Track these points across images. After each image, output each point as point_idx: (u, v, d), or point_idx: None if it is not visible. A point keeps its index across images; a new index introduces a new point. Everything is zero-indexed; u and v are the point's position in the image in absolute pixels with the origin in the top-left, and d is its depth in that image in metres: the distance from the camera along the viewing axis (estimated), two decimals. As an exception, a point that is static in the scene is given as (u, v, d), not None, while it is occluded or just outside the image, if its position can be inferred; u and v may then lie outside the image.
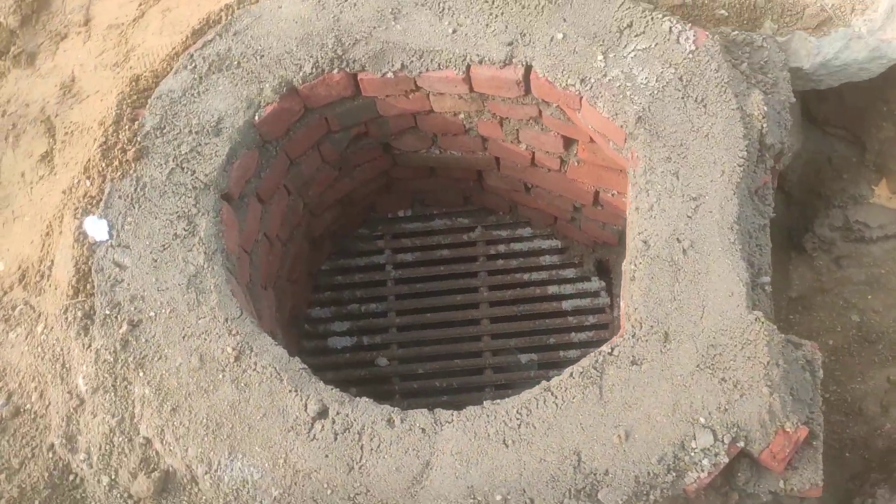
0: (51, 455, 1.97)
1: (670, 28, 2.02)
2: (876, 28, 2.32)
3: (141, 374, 1.88)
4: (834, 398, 3.19)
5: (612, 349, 1.81)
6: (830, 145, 3.12)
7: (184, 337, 1.91)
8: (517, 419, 1.77)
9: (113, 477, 1.85)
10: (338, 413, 1.81)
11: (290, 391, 1.84)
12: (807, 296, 3.37)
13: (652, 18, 2.04)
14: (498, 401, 1.82)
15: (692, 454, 1.69)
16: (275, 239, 2.48)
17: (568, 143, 2.41)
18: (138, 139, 2.10)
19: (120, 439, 1.86)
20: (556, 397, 1.77)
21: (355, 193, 2.90)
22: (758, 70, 2.06)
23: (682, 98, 1.97)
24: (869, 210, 3.13)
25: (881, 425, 3.08)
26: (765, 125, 1.94)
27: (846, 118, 2.95)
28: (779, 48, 2.11)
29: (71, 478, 1.93)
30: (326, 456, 1.77)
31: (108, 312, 1.94)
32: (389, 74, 2.18)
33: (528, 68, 2.10)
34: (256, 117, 2.14)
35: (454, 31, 2.13)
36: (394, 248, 3.19)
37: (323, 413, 1.81)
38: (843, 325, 3.28)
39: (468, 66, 2.13)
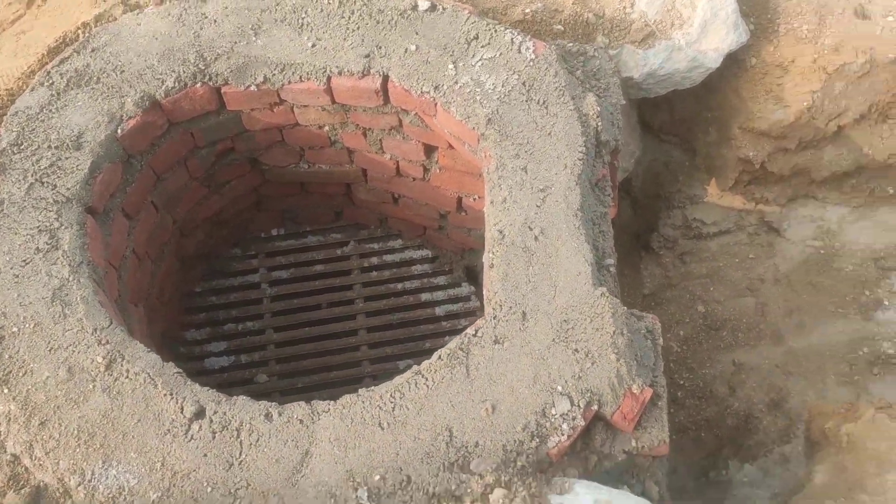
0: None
1: (512, 39, 2.22)
2: (693, 40, 2.62)
3: (5, 390, 1.84)
4: (688, 384, 3.47)
5: (476, 331, 1.94)
6: (666, 152, 3.43)
7: (50, 350, 1.88)
8: (391, 402, 1.85)
9: (-21, 498, 1.79)
10: (215, 412, 1.84)
11: (165, 395, 1.84)
12: (657, 292, 3.65)
13: (495, 31, 2.23)
14: (372, 387, 1.91)
15: (553, 420, 1.83)
16: (143, 256, 2.47)
17: (429, 150, 2.56)
18: (-6, 156, 2.07)
19: (-15, 459, 1.81)
20: (427, 379, 1.88)
21: (226, 212, 2.92)
22: (591, 77, 2.28)
23: (527, 101, 2.16)
24: (704, 208, 3.45)
25: (730, 405, 3.37)
26: (599, 124, 2.15)
27: (677, 126, 3.26)
28: (609, 58, 2.35)
29: (-66, 503, 1.84)
30: (205, 455, 1.78)
31: (-34, 331, 1.89)
32: (253, 87, 2.25)
33: (386, 78, 2.23)
34: (119, 131, 2.15)
35: (313, 45, 2.24)
36: (268, 267, 3.22)
37: (200, 413, 1.83)
38: (690, 316, 3.57)
39: (329, 78, 2.23)
